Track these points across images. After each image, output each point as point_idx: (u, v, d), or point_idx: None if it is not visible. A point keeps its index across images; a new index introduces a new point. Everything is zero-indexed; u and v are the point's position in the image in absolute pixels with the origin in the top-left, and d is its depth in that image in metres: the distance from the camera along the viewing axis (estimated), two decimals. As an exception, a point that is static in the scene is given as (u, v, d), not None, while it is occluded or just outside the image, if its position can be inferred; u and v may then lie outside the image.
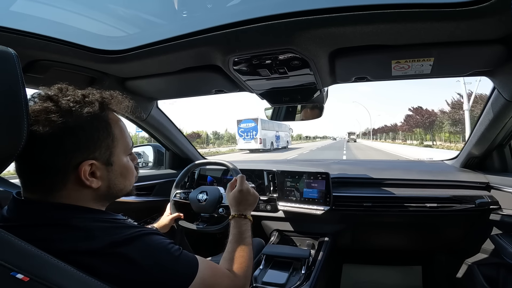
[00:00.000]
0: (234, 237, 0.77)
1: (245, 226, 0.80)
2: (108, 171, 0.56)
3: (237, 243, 0.75)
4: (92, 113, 0.52)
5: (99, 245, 0.48)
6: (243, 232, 0.78)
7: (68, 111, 0.50)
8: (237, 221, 0.81)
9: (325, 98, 1.26)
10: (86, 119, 0.51)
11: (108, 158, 0.55)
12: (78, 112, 0.51)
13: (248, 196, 0.88)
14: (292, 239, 1.51)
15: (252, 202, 0.88)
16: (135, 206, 1.56)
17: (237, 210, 0.84)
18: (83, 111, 0.51)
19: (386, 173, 1.51)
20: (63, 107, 0.50)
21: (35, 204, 0.51)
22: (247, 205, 0.86)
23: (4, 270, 0.39)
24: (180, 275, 0.54)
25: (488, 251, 1.33)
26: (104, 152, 0.54)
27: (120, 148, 0.58)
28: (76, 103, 0.51)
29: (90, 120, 0.52)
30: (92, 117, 0.52)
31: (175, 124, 1.66)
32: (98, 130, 0.53)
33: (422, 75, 0.96)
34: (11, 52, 0.46)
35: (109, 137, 0.55)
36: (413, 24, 0.68)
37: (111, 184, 0.57)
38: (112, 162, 0.56)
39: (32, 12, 0.84)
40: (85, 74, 1.00)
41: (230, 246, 0.75)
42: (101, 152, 0.54)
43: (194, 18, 0.86)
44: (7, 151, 0.45)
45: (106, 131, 0.55)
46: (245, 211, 0.85)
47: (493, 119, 1.10)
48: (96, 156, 0.53)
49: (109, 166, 0.56)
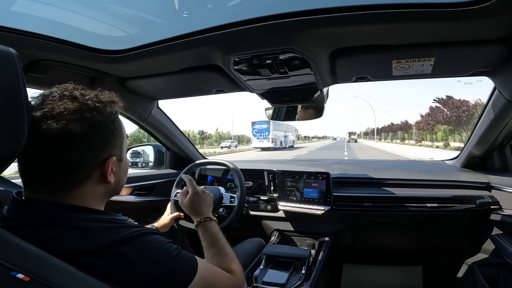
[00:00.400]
0: (209, 241, 0.75)
1: (214, 228, 0.79)
2: (120, 167, 0.59)
3: (216, 245, 0.74)
4: (112, 112, 0.56)
5: (99, 244, 0.48)
6: (216, 233, 0.77)
7: (95, 109, 0.53)
8: (205, 225, 0.79)
9: (325, 98, 1.26)
10: (109, 117, 0.55)
11: (120, 155, 0.59)
12: (103, 110, 0.54)
13: (205, 197, 0.88)
14: (292, 239, 1.51)
15: (210, 201, 0.88)
16: (136, 206, 1.56)
17: (200, 214, 0.83)
18: (106, 109, 0.55)
19: (386, 173, 1.51)
20: (90, 106, 0.52)
21: (36, 204, 0.51)
22: (206, 206, 0.86)
23: (5, 270, 0.39)
24: (179, 274, 0.54)
25: (489, 251, 1.33)
26: (118, 149, 0.58)
27: (125, 145, 0.61)
28: (99, 102, 0.54)
29: (112, 119, 0.56)
30: (113, 116, 0.56)
31: (176, 124, 1.66)
32: (117, 128, 0.57)
33: (422, 75, 0.96)
34: (12, 52, 0.46)
35: (121, 135, 0.59)
36: (414, 24, 0.68)
37: (120, 179, 0.60)
38: (122, 159, 0.60)
39: (33, 12, 0.84)
40: (85, 74, 1.01)
41: (210, 252, 0.73)
42: (117, 149, 0.57)
43: (195, 18, 0.86)
44: (8, 150, 0.45)
45: (120, 129, 0.58)
46: (207, 212, 0.84)
47: (494, 119, 1.10)
48: (115, 153, 0.57)
49: (121, 162, 0.59)
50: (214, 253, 0.72)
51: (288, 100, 1.23)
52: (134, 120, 1.43)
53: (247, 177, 1.57)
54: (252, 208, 1.55)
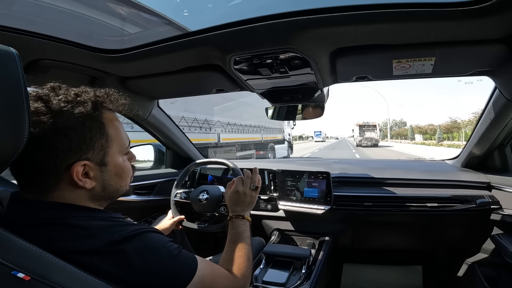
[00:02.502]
0: (232, 237, 0.77)
1: (243, 226, 0.80)
2: (102, 171, 0.55)
3: (235, 243, 0.74)
4: (84, 113, 0.51)
5: (99, 244, 0.48)
6: (241, 232, 0.78)
7: (59, 111, 0.50)
8: (235, 221, 0.81)
9: (326, 98, 1.25)
10: (78, 119, 0.50)
11: (102, 159, 0.54)
12: (69, 112, 0.50)
13: (244, 198, 0.87)
14: (292, 238, 1.51)
15: (249, 202, 0.87)
16: (136, 206, 1.56)
17: (234, 210, 0.84)
18: (75, 111, 0.50)
19: (387, 173, 1.51)
20: (54, 108, 0.49)
21: (32, 203, 0.51)
22: (244, 206, 0.86)
23: (5, 269, 0.39)
24: (179, 274, 0.54)
25: (489, 251, 1.33)
26: (97, 152, 0.53)
27: (115, 148, 0.57)
28: (67, 103, 0.51)
29: (82, 121, 0.51)
30: (84, 117, 0.51)
31: (176, 123, 1.66)
32: (91, 130, 0.52)
33: (423, 75, 0.96)
34: (13, 51, 0.46)
35: (103, 137, 0.54)
36: (414, 23, 0.68)
37: (106, 184, 0.56)
38: (107, 163, 0.55)
39: (34, 11, 0.84)
40: (86, 73, 1.01)
41: (228, 247, 0.74)
42: (94, 152, 0.53)
43: (195, 18, 0.86)
44: (9, 150, 0.45)
45: (100, 131, 0.54)
46: (243, 211, 0.84)
47: (494, 118, 1.09)
48: (89, 157, 0.52)
49: (103, 167, 0.55)
50: (231, 249, 0.73)
51: (289, 100, 1.23)
52: (135, 119, 1.43)
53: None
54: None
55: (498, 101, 1.03)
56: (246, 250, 0.74)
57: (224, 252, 0.74)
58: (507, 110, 1.03)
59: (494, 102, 1.06)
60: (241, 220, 0.81)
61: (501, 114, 1.06)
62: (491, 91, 1.06)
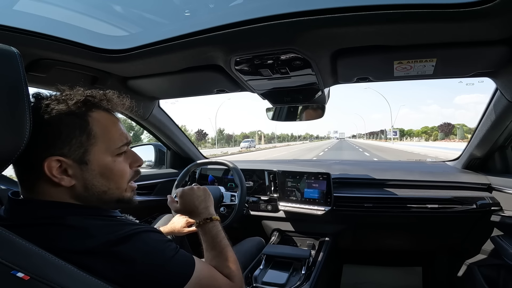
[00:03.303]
0: (209, 244, 0.69)
1: (215, 228, 0.71)
2: (82, 169, 0.53)
3: (216, 249, 0.68)
4: (64, 110, 0.51)
5: (95, 244, 0.48)
6: (216, 235, 0.70)
7: (39, 108, 0.51)
8: (204, 227, 0.72)
9: (326, 98, 1.25)
10: (55, 115, 0.51)
11: (81, 156, 0.53)
12: (49, 108, 0.51)
13: (195, 192, 0.77)
14: (292, 239, 1.51)
15: (204, 197, 0.77)
16: (136, 205, 1.56)
17: (198, 215, 0.74)
18: (55, 107, 0.51)
19: (387, 174, 1.51)
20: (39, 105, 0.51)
21: (28, 203, 0.51)
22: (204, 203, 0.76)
23: (5, 269, 0.39)
24: (176, 274, 0.54)
25: (489, 252, 1.33)
26: (75, 149, 0.52)
27: (100, 147, 0.55)
28: (52, 100, 0.52)
29: (59, 116, 0.51)
30: (63, 114, 0.51)
31: (177, 124, 1.67)
32: (68, 126, 0.52)
33: (424, 76, 0.96)
34: (14, 51, 0.46)
35: (83, 134, 0.53)
36: (416, 24, 0.68)
37: (88, 184, 0.54)
38: (88, 161, 0.53)
39: (35, 11, 0.84)
40: (87, 73, 1.00)
41: (209, 254, 0.68)
42: (71, 149, 0.52)
43: (196, 18, 0.86)
44: (10, 149, 0.45)
45: (80, 128, 0.53)
46: (206, 210, 0.75)
47: (495, 120, 1.09)
48: (65, 153, 0.51)
49: (84, 165, 0.53)
50: (213, 255, 0.67)
51: (289, 101, 1.23)
52: (135, 119, 1.43)
53: (247, 177, 1.57)
54: (253, 208, 1.55)
55: (499, 103, 1.03)
56: (230, 251, 0.68)
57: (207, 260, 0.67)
58: (508, 112, 1.02)
59: (495, 103, 1.06)
60: (210, 223, 0.72)
61: (502, 115, 1.05)
62: (492, 92, 1.06)
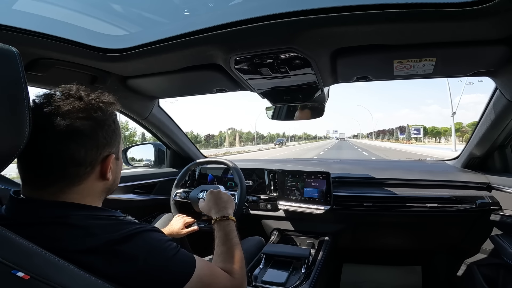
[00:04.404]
0: (221, 240, 0.75)
1: (229, 226, 0.79)
2: (117, 164, 0.61)
3: (225, 245, 0.73)
4: (113, 112, 0.58)
5: (98, 243, 0.48)
6: (229, 233, 0.77)
7: (99, 108, 0.55)
8: (220, 223, 0.80)
9: (326, 98, 1.25)
10: (111, 116, 0.57)
11: (118, 152, 0.60)
12: (106, 109, 0.56)
13: (221, 195, 0.89)
14: (292, 238, 1.51)
15: (227, 200, 0.88)
16: (136, 205, 1.56)
17: (217, 212, 0.83)
18: (108, 110, 0.57)
19: (387, 173, 1.51)
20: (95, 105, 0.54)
21: (31, 202, 0.51)
22: (225, 204, 0.86)
23: (5, 268, 0.39)
24: (177, 273, 0.54)
25: (488, 251, 1.33)
26: (117, 147, 0.60)
27: (121, 145, 0.63)
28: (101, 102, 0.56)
29: (113, 117, 0.58)
30: (114, 116, 0.59)
31: (176, 123, 1.67)
32: (117, 127, 0.59)
33: (424, 75, 0.95)
34: (13, 50, 0.46)
35: (120, 134, 0.61)
36: (415, 24, 0.68)
37: (116, 177, 0.62)
38: (119, 157, 0.62)
39: (34, 10, 0.84)
40: (86, 72, 1.00)
41: (218, 249, 0.73)
42: (116, 147, 0.59)
43: (196, 17, 0.86)
44: (10, 149, 0.45)
45: (119, 129, 0.60)
46: (225, 210, 0.84)
47: (494, 119, 1.09)
48: (114, 151, 0.59)
49: (118, 160, 0.61)
50: (222, 251, 0.72)
51: (289, 100, 1.23)
52: (135, 118, 1.43)
53: (247, 176, 1.58)
54: (252, 207, 1.55)
55: (498, 102, 1.03)
56: (238, 250, 0.73)
57: (215, 255, 0.72)
58: (508, 111, 1.03)
59: (494, 102, 1.06)
60: (226, 221, 0.80)
61: (502, 114, 1.06)
62: (492, 91, 1.06)
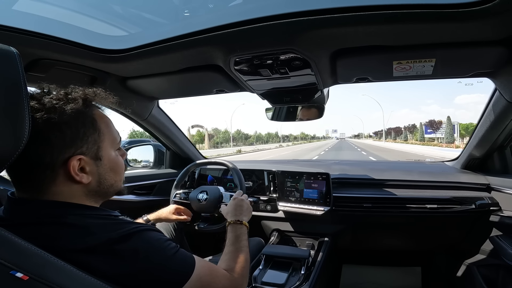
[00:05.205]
0: (230, 240, 0.80)
1: (241, 230, 0.84)
2: (98, 165, 0.56)
3: (234, 245, 0.78)
4: (76, 109, 0.53)
5: (96, 242, 0.48)
6: (239, 235, 0.82)
7: (52, 108, 0.51)
8: (233, 226, 0.86)
9: (326, 99, 1.26)
10: (71, 115, 0.52)
11: (96, 153, 0.56)
12: (62, 108, 0.51)
13: (242, 203, 0.96)
14: (292, 239, 1.51)
15: (246, 208, 0.96)
16: (135, 205, 1.56)
17: (233, 216, 0.90)
18: (67, 107, 0.52)
19: (386, 174, 1.51)
20: (47, 105, 0.50)
21: (28, 203, 0.51)
22: (242, 211, 0.93)
23: (4, 269, 0.39)
24: (176, 272, 0.54)
25: (488, 252, 1.33)
26: (91, 146, 0.55)
27: (107, 143, 0.58)
28: (59, 100, 0.52)
29: (75, 116, 0.52)
30: (76, 113, 0.53)
31: (176, 124, 1.66)
32: (84, 125, 0.54)
33: (423, 76, 0.96)
34: (13, 51, 0.46)
35: (95, 132, 0.55)
36: (415, 25, 0.68)
37: (102, 179, 0.57)
38: (101, 157, 0.56)
39: (34, 11, 0.84)
40: (86, 73, 1.00)
41: (227, 249, 0.77)
42: (88, 146, 0.54)
43: (196, 18, 0.86)
44: (9, 149, 0.45)
45: (92, 126, 0.55)
46: (241, 217, 0.90)
47: (494, 120, 1.10)
48: (84, 151, 0.53)
49: (98, 161, 0.56)
50: (229, 251, 0.76)
51: (289, 101, 1.23)
52: (134, 119, 1.43)
53: (247, 177, 1.57)
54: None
55: (498, 103, 1.03)
56: (245, 253, 0.76)
57: (223, 254, 0.76)
58: (507, 112, 1.03)
59: (494, 103, 1.06)
60: (239, 225, 0.86)
61: (501, 115, 1.06)
62: (491, 92, 1.06)
